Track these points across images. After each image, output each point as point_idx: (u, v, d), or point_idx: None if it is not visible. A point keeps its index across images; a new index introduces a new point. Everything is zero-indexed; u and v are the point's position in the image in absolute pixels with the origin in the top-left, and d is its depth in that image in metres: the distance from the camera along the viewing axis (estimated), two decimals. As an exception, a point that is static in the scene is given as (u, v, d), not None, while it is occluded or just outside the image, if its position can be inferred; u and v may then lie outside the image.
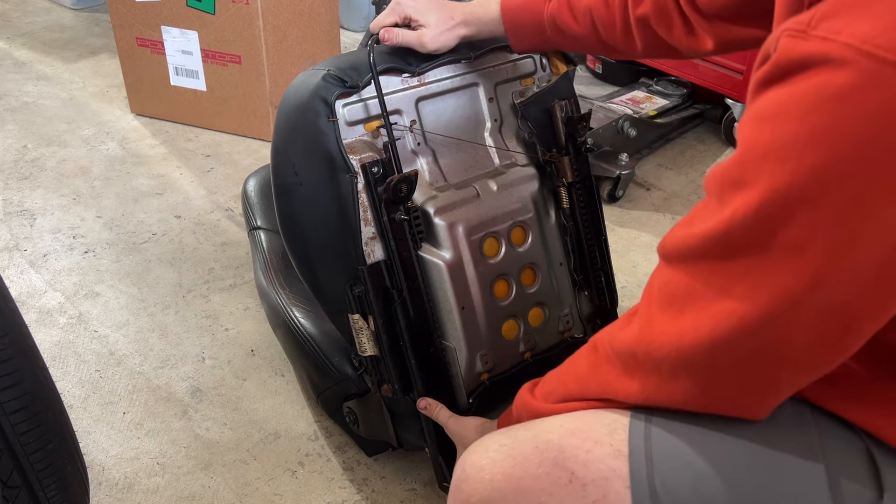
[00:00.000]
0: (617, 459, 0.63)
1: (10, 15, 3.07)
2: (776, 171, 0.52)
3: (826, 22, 0.50)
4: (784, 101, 0.52)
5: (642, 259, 1.82)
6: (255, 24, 2.05)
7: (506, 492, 0.65)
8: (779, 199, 0.52)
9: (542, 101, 1.19)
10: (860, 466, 0.62)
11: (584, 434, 0.65)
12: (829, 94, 0.49)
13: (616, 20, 1.01)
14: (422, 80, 1.10)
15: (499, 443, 0.68)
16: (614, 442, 0.64)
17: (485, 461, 0.67)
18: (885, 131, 0.48)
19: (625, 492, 0.62)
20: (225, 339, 1.52)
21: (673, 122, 2.29)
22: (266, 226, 1.53)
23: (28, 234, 1.80)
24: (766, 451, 0.62)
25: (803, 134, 0.50)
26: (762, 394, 0.61)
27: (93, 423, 1.33)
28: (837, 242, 0.52)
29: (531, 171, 1.19)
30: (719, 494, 0.61)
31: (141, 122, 2.34)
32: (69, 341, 1.50)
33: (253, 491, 1.22)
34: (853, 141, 0.49)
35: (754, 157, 0.54)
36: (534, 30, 1.04)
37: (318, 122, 1.01)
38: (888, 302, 0.55)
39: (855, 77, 0.48)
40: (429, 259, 1.08)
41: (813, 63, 0.50)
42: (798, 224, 0.52)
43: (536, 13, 1.03)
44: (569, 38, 1.03)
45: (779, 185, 0.52)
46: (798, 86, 0.51)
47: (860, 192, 0.50)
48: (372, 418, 1.17)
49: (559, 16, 1.02)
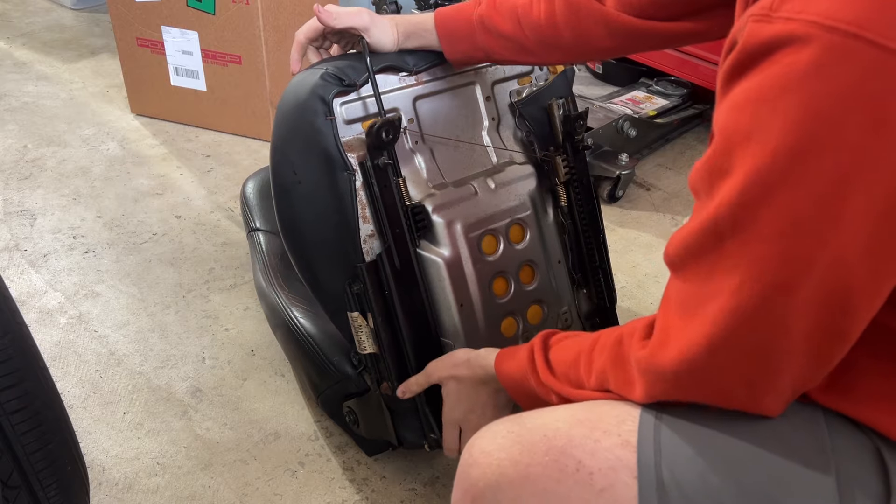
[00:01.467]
0: (625, 450, 0.63)
1: (10, 15, 3.07)
2: (756, 155, 0.52)
3: (788, 3, 0.50)
4: (757, 86, 0.52)
5: (642, 259, 1.82)
6: (255, 24, 2.06)
7: (513, 477, 0.65)
8: (760, 182, 0.52)
9: (540, 99, 1.19)
10: (869, 466, 0.61)
11: (593, 424, 0.66)
12: (798, 72, 0.50)
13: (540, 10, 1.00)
14: (419, 79, 1.11)
15: (507, 429, 0.69)
16: (622, 433, 0.64)
17: (492, 447, 0.68)
18: (857, 106, 0.48)
19: (632, 482, 0.62)
20: (225, 339, 1.52)
21: (673, 122, 2.29)
22: (265, 227, 1.53)
23: (28, 234, 1.80)
24: (776, 447, 0.62)
25: (779, 115, 0.51)
26: (768, 388, 0.61)
27: (93, 423, 1.33)
28: (822, 224, 0.52)
29: (529, 169, 1.19)
30: (727, 488, 0.61)
31: (141, 122, 2.34)
32: (69, 341, 1.50)
33: (253, 491, 1.22)
34: (826, 117, 0.49)
35: (735, 143, 0.54)
36: (464, 33, 1.04)
37: (317, 121, 1.01)
38: (881, 279, 0.55)
39: (821, 52, 0.48)
40: (427, 256, 1.08)
41: (780, 44, 0.50)
42: (780, 207, 0.52)
43: (467, 17, 1.04)
44: (496, 37, 1.02)
45: (760, 168, 0.52)
46: (769, 69, 0.51)
47: (838, 169, 0.50)
48: (372, 417, 1.17)
49: (487, 16, 1.02)
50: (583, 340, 0.76)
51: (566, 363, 0.77)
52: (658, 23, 0.95)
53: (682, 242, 0.61)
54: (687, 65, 2.26)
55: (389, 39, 1.06)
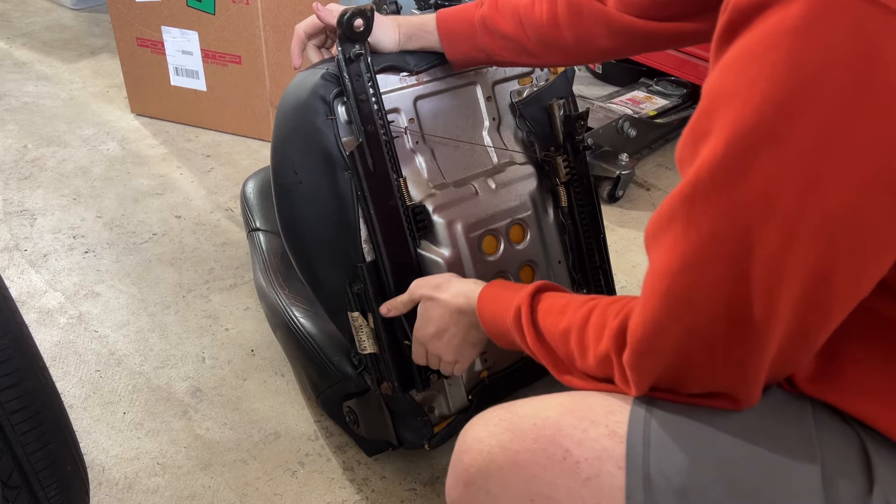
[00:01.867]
0: (612, 440, 0.64)
1: (10, 15, 3.07)
2: (739, 112, 0.51)
3: None
4: (746, 45, 0.52)
5: (642, 259, 1.82)
6: (255, 24, 2.06)
7: (502, 464, 0.67)
8: (744, 140, 0.51)
9: (540, 100, 1.19)
10: (853, 459, 0.62)
11: (582, 414, 0.67)
12: (785, 28, 0.49)
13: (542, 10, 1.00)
14: (420, 79, 1.11)
15: (499, 416, 0.70)
16: (610, 423, 0.65)
17: (484, 434, 0.69)
18: (839, 62, 0.48)
19: (617, 472, 0.63)
20: (225, 339, 1.52)
21: (673, 122, 2.29)
22: (265, 227, 1.53)
23: (28, 234, 1.80)
24: (764, 442, 0.62)
25: (765, 71, 0.50)
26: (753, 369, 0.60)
27: (93, 423, 1.33)
28: (803, 185, 0.51)
29: (529, 169, 1.19)
30: (715, 482, 0.61)
31: (141, 122, 2.34)
32: (69, 341, 1.50)
33: (253, 491, 1.22)
34: (810, 73, 0.49)
35: (719, 103, 0.53)
36: (465, 34, 1.04)
37: (317, 121, 1.01)
38: (863, 256, 0.54)
39: (809, 7, 0.48)
40: (428, 257, 1.08)
41: (769, 3, 0.50)
42: (764, 166, 0.51)
43: (468, 19, 1.04)
44: (497, 38, 1.02)
45: (744, 125, 0.51)
46: (758, 28, 0.51)
47: (820, 127, 0.49)
48: (372, 417, 1.17)
49: (489, 17, 1.03)
50: (573, 312, 0.74)
51: (555, 334, 0.76)
52: (660, 23, 0.95)
53: (656, 216, 0.60)
54: (687, 65, 2.27)
55: (390, 40, 1.06)
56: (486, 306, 0.87)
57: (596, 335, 0.69)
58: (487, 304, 0.87)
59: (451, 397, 1.14)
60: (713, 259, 0.55)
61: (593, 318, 0.71)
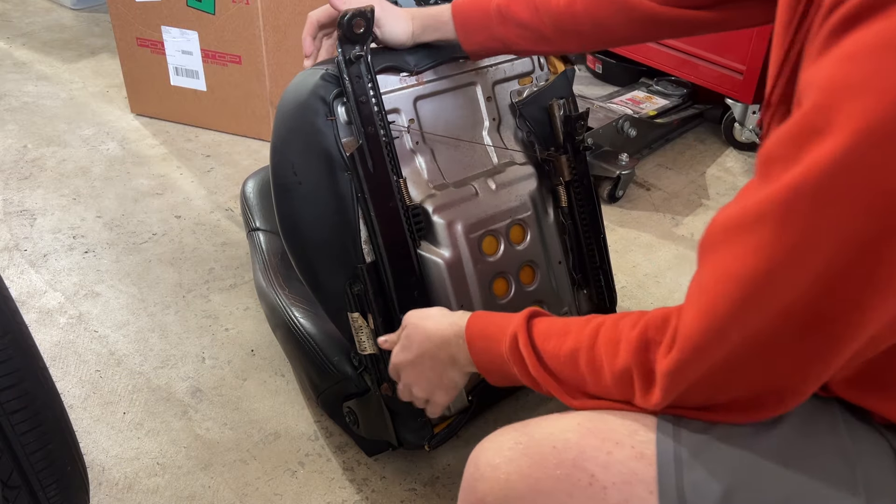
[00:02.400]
0: (640, 462, 0.61)
1: (10, 15, 3.07)
2: (873, 104, 0.45)
3: None
4: (881, 32, 0.45)
5: (642, 259, 1.82)
6: (255, 24, 2.06)
7: (523, 492, 0.63)
8: (876, 139, 0.45)
9: (540, 100, 1.19)
10: (889, 470, 0.60)
11: (604, 435, 0.63)
12: None
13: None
14: (420, 80, 1.11)
15: (513, 440, 0.65)
16: (636, 444, 0.62)
17: (499, 460, 0.65)
18: None
19: (649, 497, 0.59)
20: (225, 339, 1.52)
21: (673, 122, 2.30)
22: (265, 227, 1.53)
23: (28, 234, 1.80)
24: (802, 465, 0.59)
25: None
26: (815, 377, 0.56)
27: (93, 423, 1.33)
28: None
29: (529, 169, 1.19)
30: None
31: (141, 122, 2.34)
32: (69, 341, 1.50)
33: (253, 491, 1.22)
34: None
35: (843, 97, 0.46)
36: (481, 23, 1.03)
37: (317, 121, 1.01)
38: None
39: None
40: (428, 257, 1.08)
41: None
42: (889, 172, 0.45)
43: (484, 8, 1.03)
44: (514, 27, 1.02)
45: (881, 118, 0.44)
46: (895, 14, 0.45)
47: None
48: (372, 418, 1.17)
49: (504, 5, 1.02)
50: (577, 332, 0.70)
51: (560, 357, 0.70)
52: (678, 10, 0.94)
53: (725, 219, 0.54)
54: (687, 65, 2.26)
55: (403, 32, 1.04)
56: (476, 335, 0.81)
57: (610, 351, 0.65)
58: (477, 333, 0.81)
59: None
60: (808, 263, 0.50)
61: (603, 335, 0.67)
